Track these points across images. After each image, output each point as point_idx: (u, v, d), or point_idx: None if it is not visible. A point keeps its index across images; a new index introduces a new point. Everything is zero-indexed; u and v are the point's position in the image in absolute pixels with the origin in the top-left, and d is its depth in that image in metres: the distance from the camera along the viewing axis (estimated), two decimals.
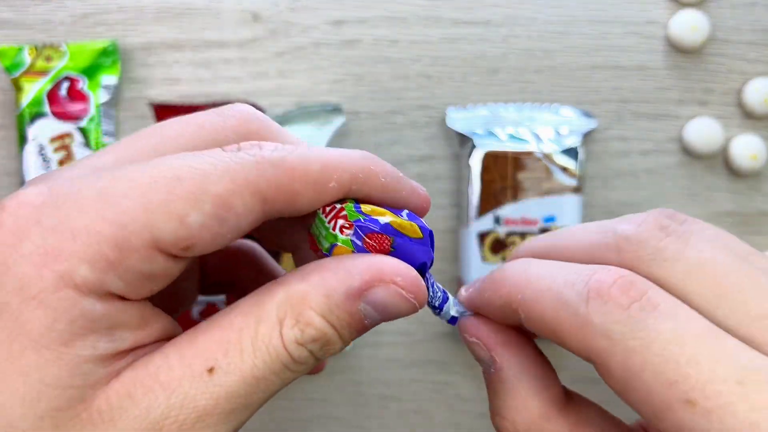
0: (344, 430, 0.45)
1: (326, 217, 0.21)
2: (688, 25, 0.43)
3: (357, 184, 0.21)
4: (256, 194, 0.19)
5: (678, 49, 0.44)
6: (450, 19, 0.44)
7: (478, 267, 0.43)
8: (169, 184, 0.18)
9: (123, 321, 0.19)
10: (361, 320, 0.20)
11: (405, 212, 0.22)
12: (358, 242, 0.21)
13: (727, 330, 0.19)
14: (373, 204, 0.22)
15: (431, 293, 0.23)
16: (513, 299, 0.22)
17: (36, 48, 0.43)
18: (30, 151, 0.42)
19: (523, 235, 0.43)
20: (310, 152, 0.21)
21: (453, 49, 0.44)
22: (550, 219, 0.43)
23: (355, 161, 0.21)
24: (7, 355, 0.18)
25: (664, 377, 0.19)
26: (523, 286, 0.22)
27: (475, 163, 0.42)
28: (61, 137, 0.42)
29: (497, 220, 0.43)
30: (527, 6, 0.44)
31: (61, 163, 0.42)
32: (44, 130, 0.42)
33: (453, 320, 0.24)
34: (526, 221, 0.43)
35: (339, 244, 0.21)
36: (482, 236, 0.43)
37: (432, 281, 0.23)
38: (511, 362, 0.23)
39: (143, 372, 0.18)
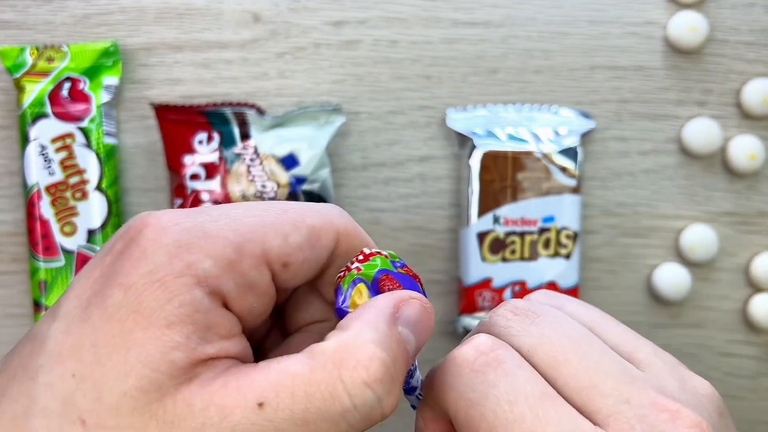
0: None
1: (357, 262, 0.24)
2: (687, 26, 0.44)
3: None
4: (335, 233, 0.23)
5: (677, 50, 0.45)
6: (450, 20, 0.44)
7: (477, 266, 0.43)
8: (278, 212, 0.23)
9: (218, 324, 0.21)
10: (405, 347, 0.22)
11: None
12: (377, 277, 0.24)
13: (566, 397, 0.22)
14: None
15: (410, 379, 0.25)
16: (429, 403, 0.25)
17: (37, 49, 0.43)
18: (32, 151, 0.42)
19: (522, 235, 0.43)
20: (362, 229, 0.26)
21: (453, 49, 0.44)
22: (549, 219, 0.43)
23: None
24: (120, 329, 0.20)
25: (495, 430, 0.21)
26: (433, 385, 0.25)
27: (475, 163, 0.43)
28: (62, 137, 0.42)
29: (496, 220, 0.43)
30: (527, 7, 0.44)
31: (63, 162, 0.42)
32: (46, 130, 0.42)
33: (411, 391, 0.26)
34: (525, 221, 0.43)
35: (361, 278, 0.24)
36: (481, 236, 0.43)
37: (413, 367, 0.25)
38: None
39: (207, 389, 0.20)
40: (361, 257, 0.24)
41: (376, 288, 0.23)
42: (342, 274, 0.24)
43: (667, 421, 0.21)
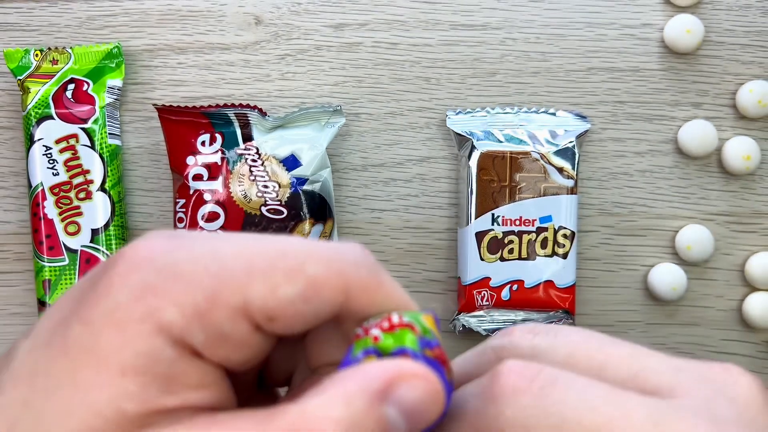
0: None
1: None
2: (683, 28, 0.44)
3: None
4: (344, 288, 0.20)
5: (673, 52, 0.45)
6: (448, 23, 0.45)
7: (475, 266, 0.43)
8: (275, 254, 0.19)
9: (184, 374, 0.19)
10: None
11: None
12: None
13: (622, 384, 0.21)
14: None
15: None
16: None
17: (42, 51, 0.43)
18: (36, 152, 0.43)
19: (520, 235, 0.43)
20: (393, 281, 0.21)
21: (451, 52, 0.45)
22: (547, 219, 0.43)
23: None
24: (72, 365, 0.18)
25: None
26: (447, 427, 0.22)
27: (474, 163, 0.43)
28: (66, 138, 0.43)
29: (495, 220, 0.43)
30: (524, 9, 0.45)
31: (67, 163, 0.43)
32: (50, 131, 0.43)
33: None
34: (523, 221, 0.43)
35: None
36: (480, 235, 0.43)
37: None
38: None
39: None
40: (386, 324, 0.20)
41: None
42: (359, 333, 0.20)
43: (722, 372, 0.21)
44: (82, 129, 0.43)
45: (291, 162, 0.43)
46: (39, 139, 0.43)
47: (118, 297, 0.19)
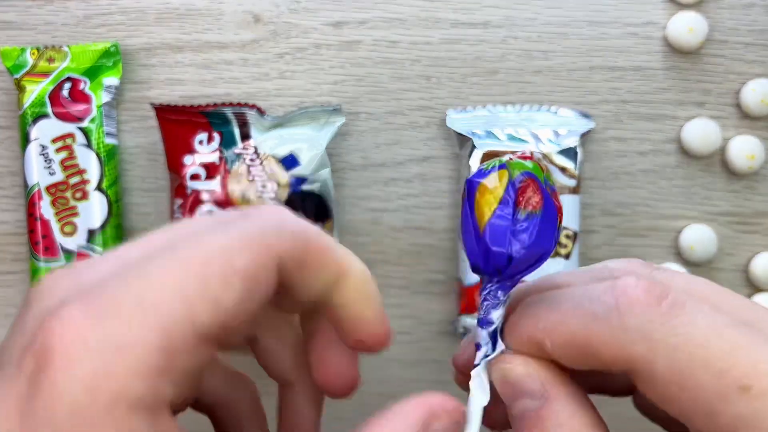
0: (344, 430, 0.45)
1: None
2: (686, 27, 0.44)
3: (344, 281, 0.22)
4: (276, 260, 0.19)
5: (676, 50, 0.45)
6: (449, 21, 0.44)
7: None
8: (200, 271, 0.18)
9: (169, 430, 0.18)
10: None
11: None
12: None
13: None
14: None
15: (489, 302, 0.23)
16: (535, 332, 0.22)
17: (38, 49, 0.43)
18: (32, 151, 0.42)
19: None
20: (327, 236, 0.21)
21: (452, 50, 0.44)
22: None
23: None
24: None
25: (715, 368, 0.19)
26: (542, 316, 0.22)
27: (475, 163, 0.43)
28: (63, 138, 0.42)
29: None
30: (526, 7, 0.44)
31: (63, 163, 0.42)
32: (46, 130, 0.42)
33: (493, 334, 0.23)
34: None
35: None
36: None
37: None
38: (567, 398, 0.22)
39: None
40: (525, 153, 0.21)
41: (514, 188, 0.21)
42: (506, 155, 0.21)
43: None
44: (79, 128, 0.43)
45: (290, 161, 0.42)
46: (35, 139, 0.42)
47: (74, 395, 0.17)
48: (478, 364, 0.23)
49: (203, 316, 0.18)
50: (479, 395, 0.22)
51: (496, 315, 0.22)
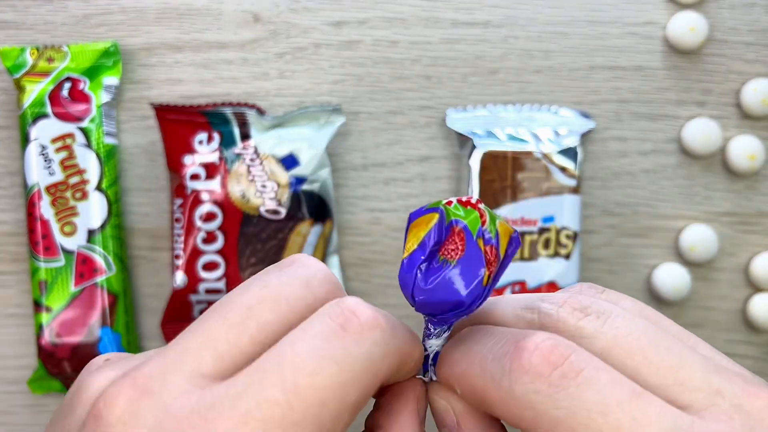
0: None
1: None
2: (687, 26, 0.44)
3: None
4: (376, 385, 0.21)
5: (676, 50, 0.45)
6: (449, 20, 0.44)
7: None
8: (314, 412, 0.19)
9: None
10: None
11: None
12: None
13: (652, 391, 0.20)
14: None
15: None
16: (449, 374, 0.23)
17: (38, 49, 0.43)
18: (32, 151, 0.42)
19: (522, 235, 0.43)
20: (404, 329, 0.22)
21: (452, 49, 0.44)
22: (549, 219, 0.43)
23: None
24: None
25: None
26: (456, 360, 0.23)
27: (475, 163, 0.43)
28: (62, 137, 0.42)
29: None
30: (526, 7, 0.44)
31: (63, 162, 0.42)
32: (46, 130, 0.42)
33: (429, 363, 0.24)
34: (525, 221, 0.43)
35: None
36: None
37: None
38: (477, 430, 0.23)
39: None
40: (464, 198, 0.22)
41: (441, 232, 0.21)
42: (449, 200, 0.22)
43: (764, 408, 0.20)
44: (79, 128, 0.42)
45: (290, 161, 0.42)
46: (35, 139, 0.42)
47: None
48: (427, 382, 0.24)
49: None
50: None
51: (428, 344, 0.23)
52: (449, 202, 0.21)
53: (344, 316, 0.20)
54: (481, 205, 0.21)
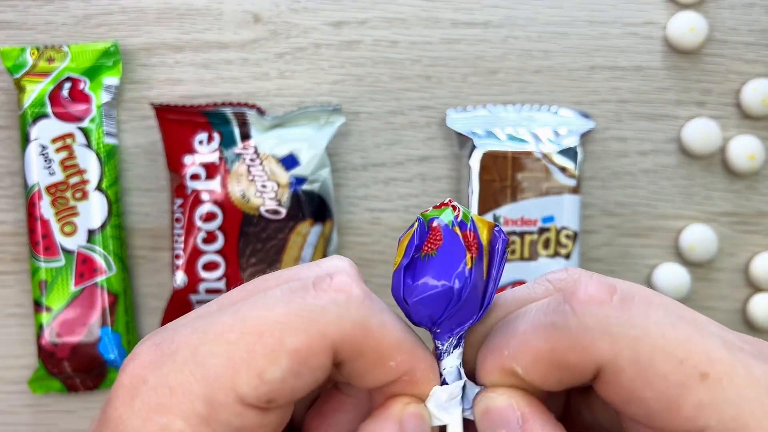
0: None
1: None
2: (687, 26, 0.44)
3: (410, 376, 0.22)
4: (330, 347, 0.20)
5: (676, 50, 0.45)
6: (449, 20, 0.44)
7: None
8: (250, 340, 0.20)
9: None
10: None
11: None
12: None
13: None
14: None
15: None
16: (503, 361, 0.22)
17: (38, 49, 0.43)
18: (32, 151, 0.42)
19: (522, 235, 0.43)
20: (392, 322, 0.21)
21: (452, 50, 0.44)
22: (549, 219, 0.43)
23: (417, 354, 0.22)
24: None
25: (675, 357, 0.19)
26: (504, 344, 0.22)
27: (475, 163, 0.43)
28: (62, 137, 0.42)
29: (496, 220, 0.43)
30: (526, 7, 0.44)
31: (63, 162, 0.42)
32: (46, 130, 0.42)
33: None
34: (525, 221, 0.43)
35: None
36: None
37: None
38: (542, 424, 0.22)
39: None
40: (437, 202, 0.22)
41: (421, 234, 0.22)
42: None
43: None
44: (79, 128, 0.43)
45: (290, 161, 0.42)
46: (35, 139, 0.42)
47: (130, 424, 0.20)
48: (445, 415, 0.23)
49: (244, 385, 0.19)
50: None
51: (443, 366, 0.22)
52: (425, 210, 0.22)
53: (320, 278, 0.21)
54: (454, 203, 0.22)
